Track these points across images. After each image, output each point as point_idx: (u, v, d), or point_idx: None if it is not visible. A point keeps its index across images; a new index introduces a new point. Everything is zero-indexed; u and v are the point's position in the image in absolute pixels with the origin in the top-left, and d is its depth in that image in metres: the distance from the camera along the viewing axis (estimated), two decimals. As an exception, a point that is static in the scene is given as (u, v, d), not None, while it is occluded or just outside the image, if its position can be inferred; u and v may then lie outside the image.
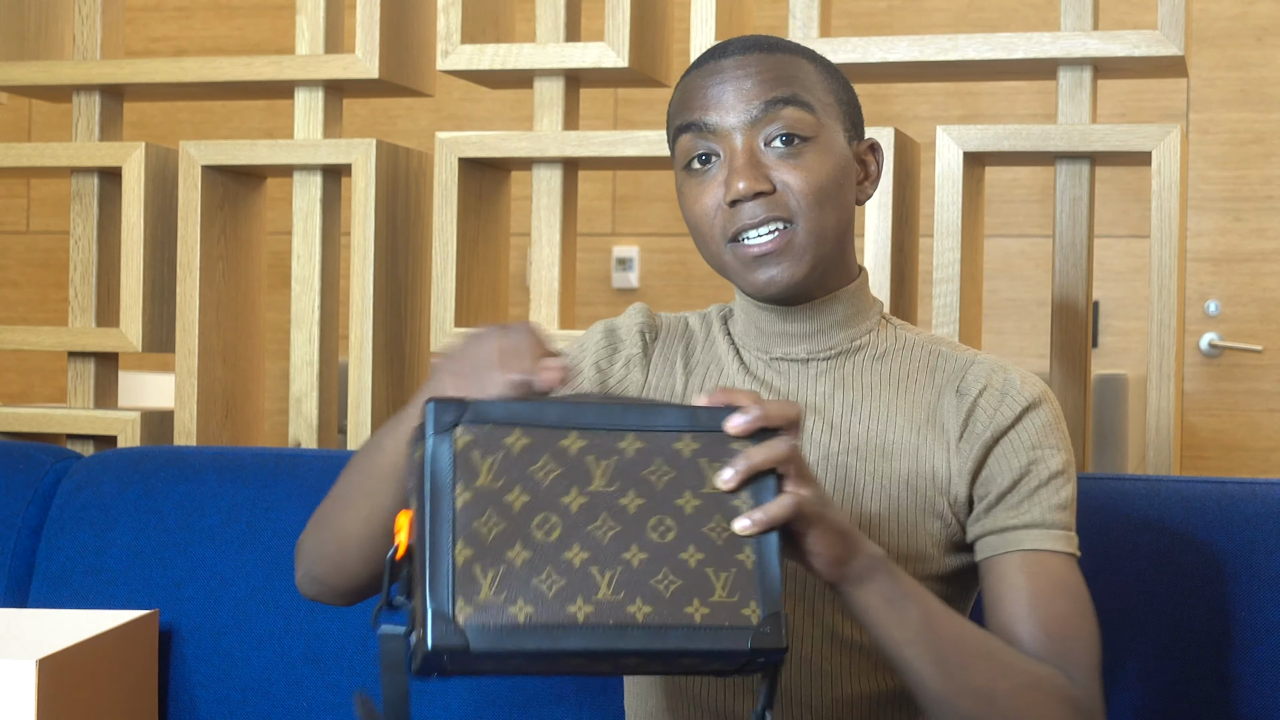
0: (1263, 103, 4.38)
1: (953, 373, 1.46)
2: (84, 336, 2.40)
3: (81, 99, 2.45)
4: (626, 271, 4.78)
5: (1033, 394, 1.43)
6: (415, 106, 4.85)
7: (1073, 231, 2.10)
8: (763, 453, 1.16)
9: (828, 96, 1.45)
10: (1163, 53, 2.04)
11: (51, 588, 1.98)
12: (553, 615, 1.13)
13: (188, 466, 2.02)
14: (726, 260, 1.43)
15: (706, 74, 1.44)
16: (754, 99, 1.41)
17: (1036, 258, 4.52)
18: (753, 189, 1.39)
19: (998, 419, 1.42)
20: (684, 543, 1.16)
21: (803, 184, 1.40)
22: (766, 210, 1.40)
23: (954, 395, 1.44)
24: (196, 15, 5.07)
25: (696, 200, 1.43)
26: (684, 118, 1.44)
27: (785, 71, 1.43)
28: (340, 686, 1.86)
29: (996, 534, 1.41)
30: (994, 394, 1.43)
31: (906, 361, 1.48)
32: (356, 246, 2.27)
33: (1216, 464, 4.40)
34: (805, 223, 1.41)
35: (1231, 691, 1.62)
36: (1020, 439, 1.42)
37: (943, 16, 4.56)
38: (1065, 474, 1.42)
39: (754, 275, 1.42)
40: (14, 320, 5.12)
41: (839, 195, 1.43)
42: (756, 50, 1.44)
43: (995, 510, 1.41)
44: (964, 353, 1.48)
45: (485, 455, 1.16)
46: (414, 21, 2.38)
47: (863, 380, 1.47)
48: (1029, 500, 1.41)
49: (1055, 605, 1.38)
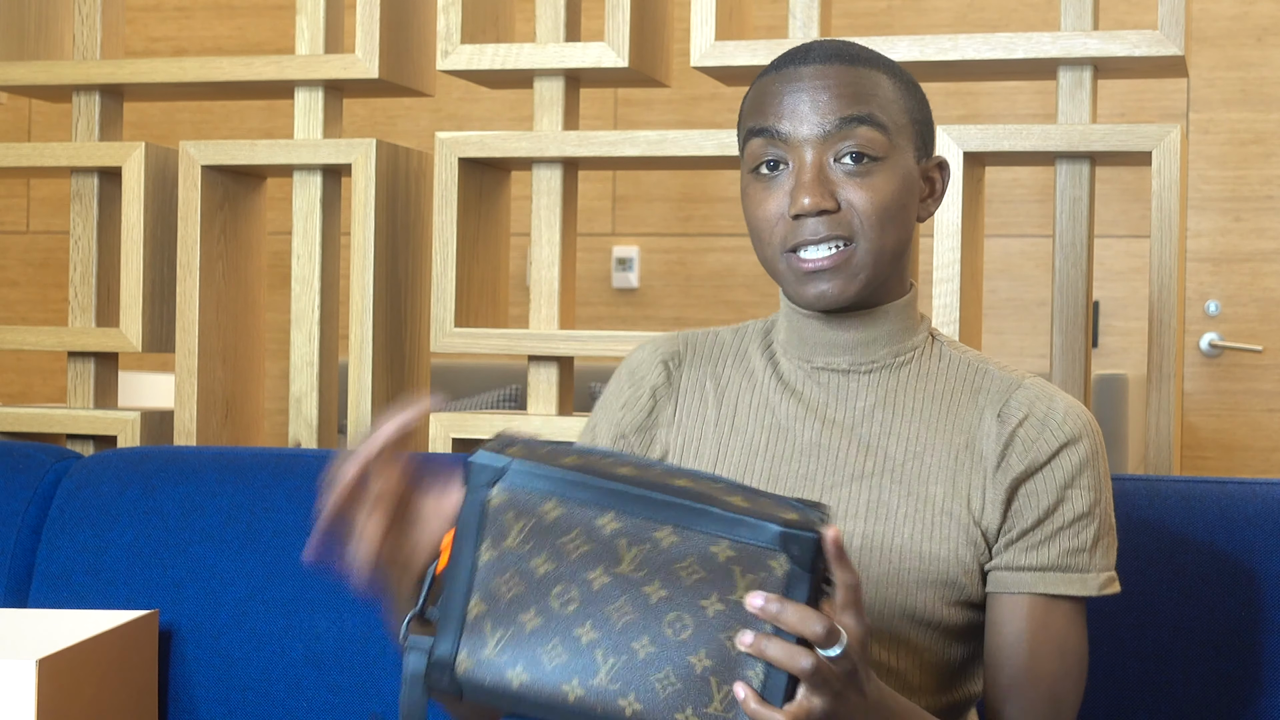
0: (1263, 103, 4.39)
1: (996, 395, 1.44)
2: (84, 336, 2.40)
3: (81, 99, 2.45)
4: (626, 271, 4.78)
5: (1074, 429, 1.41)
6: (415, 106, 4.86)
7: (1073, 231, 2.10)
8: (780, 654, 1.12)
9: (902, 116, 1.43)
10: (1163, 53, 2.04)
11: (51, 588, 1.98)
12: (544, 688, 1.14)
13: (188, 466, 2.02)
14: (780, 269, 1.42)
15: (785, 80, 1.43)
16: (829, 114, 1.40)
17: (1036, 258, 4.52)
18: (817, 206, 1.38)
19: (1034, 453, 1.41)
20: (696, 645, 1.13)
21: (867, 205, 1.39)
22: (829, 228, 1.39)
23: (995, 420, 1.42)
24: (196, 15, 5.08)
25: (760, 205, 1.42)
26: (757, 121, 1.43)
27: (863, 88, 1.41)
28: (340, 687, 1.86)
29: (1007, 570, 1.41)
30: (1034, 424, 1.41)
31: (951, 380, 1.46)
32: (356, 246, 2.27)
33: (1216, 464, 4.40)
34: (865, 243, 1.40)
35: (1232, 692, 1.62)
36: (1052, 477, 1.41)
37: (943, 16, 4.56)
38: (1091, 515, 1.41)
39: (806, 289, 1.41)
40: (14, 320, 5.12)
41: (901, 215, 1.42)
42: (838, 61, 1.43)
43: (1014, 546, 1.41)
44: (1011, 374, 1.46)
45: (518, 519, 1.16)
46: (414, 21, 2.38)
47: (903, 399, 1.45)
48: (1048, 542, 1.40)
49: (1048, 662, 1.40)
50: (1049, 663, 1.40)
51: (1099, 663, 1.64)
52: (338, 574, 1.29)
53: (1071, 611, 1.41)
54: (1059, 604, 1.40)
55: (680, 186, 4.76)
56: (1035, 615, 1.40)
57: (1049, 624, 1.40)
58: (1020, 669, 1.40)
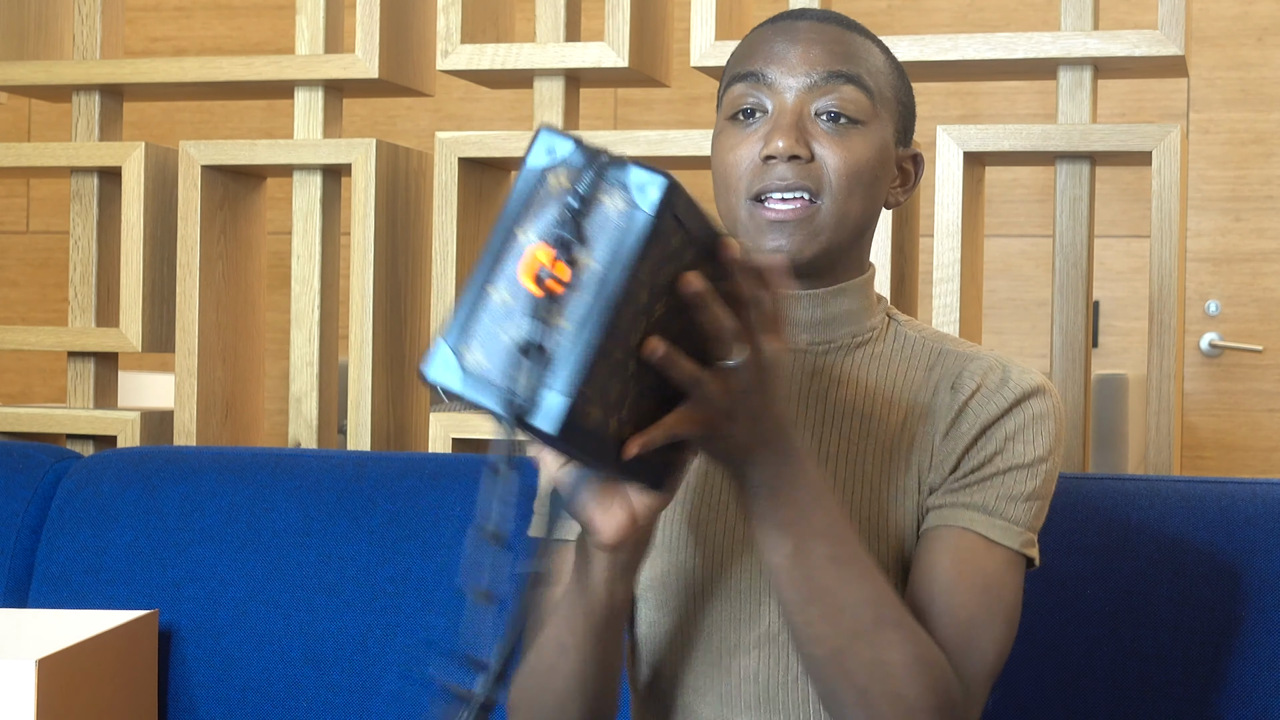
0: (1263, 103, 4.38)
1: (950, 369, 1.42)
2: (84, 336, 2.40)
3: (81, 99, 2.45)
4: (626, 271, 4.78)
5: (1027, 386, 1.38)
6: (415, 106, 4.86)
7: (1073, 231, 2.10)
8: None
9: (889, 91, 1.42)
10: (1163, 53, 2.04)
11: (51, 588, 1.98)
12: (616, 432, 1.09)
13: (188, 466, 2.02)
14: (741, 217, 1.39)
15: (778, 30, 1.41)
16: (817, 65, 1.38)
17: (1036, 258, 4.52)
18: (790, 150, 1.35)
19: (984, 415, 1.38)
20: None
21: (840, 162, 1.37)
22: (796, 176, 1.36)
23: (948, 392, 1.40)
24: (196, 15, 5.07)
25: (731, 150, 1.40)
26: (743, 66, 1.41)
27: (855, 50, 1.40)
28: (340, 687, 1.86)
29: (938, 509, 1.36)
30: (986, 393, 1.39)
31: (908, 360, 1.44)
32: (356, 246, 2.27)
33: (1216, 464, 4.40)
34: (831, 202, 1.37)
35: (1232, 692, 1.62)
36: (1000, 430, 1.37)
37: (943, 16, 4.56)
38: (1034, 469, 1.37)
39: (764, 239, 1.38)
40: (14, 320, 5.12)
41: (872, 187, 1.40)
42: (834, 23, 1.42)
43: (950, 487, 1.37)
44: (966, 349, 1.44)
45: (664, 249, 1.08)
46: (414, 21, 2.38)
47: (859, 378, 1.43)
48: (985, 484, 1.36)
49: (969, 597, 1.32)
50: (970, 596, 1.32)
51: (1099, 663, 1.64)
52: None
53: (1002, 559, 1.34)
54: (990, 546, 1.34)
55: (680, 186, 4.75)
56: (961, 548, 1.34)
57: (975, 560, 1.33)
58: (939, 598, 1.32)
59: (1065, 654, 1.65)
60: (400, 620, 1.85)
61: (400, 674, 1.85)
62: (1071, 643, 1.65)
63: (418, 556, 1.87)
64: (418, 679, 1.84)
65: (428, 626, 1.85)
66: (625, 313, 1.06)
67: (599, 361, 1.05)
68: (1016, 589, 1.35)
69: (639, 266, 1.05)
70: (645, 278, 1.06)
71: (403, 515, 1.89)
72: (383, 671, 1.85)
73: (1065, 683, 1.65)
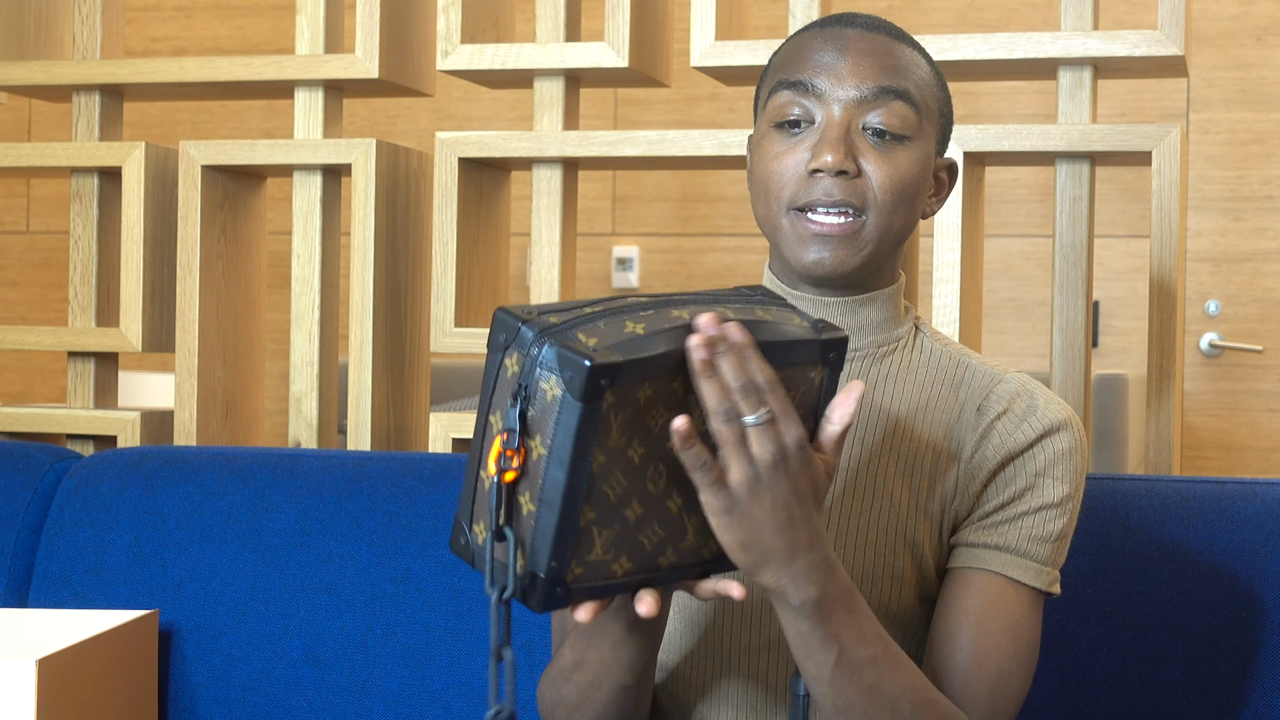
0: (1263, 103, 4.38)
1: (977, 390, 1.41)
2: (84, 336, 2.40)
3: (81, 99, 2.45)
4: (626, 271, 4.78)
5: (1054, 419, 1.38)
6: (415, 106, 4.86)
7: (1073, 231, 2.10)
8: (718, 382, 1.14)
9: (934, 104, 1.41)
10: (1163, 53, 2.04)
11: (51, 588, 1.98)
12: (643, 567, 1.17)
13: (188, 466, 2.02)
14: (782, 225, 1.38)
15: (827, 37, 1.39)
16: (867, 79, 1.36)
17: (1036, 258, 4.52)
18: (838, 165, 1.34)
19: (1010, 443, 1.38)
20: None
21: (885, 179, 1.36)
22: (842, 192, 1.35)
23: (974, 414, 1.40)
24: (196, 15, 5.08)
25: (776, 158, 1.38)
26: (791, 73, 1.39)
27: (905, 63, 1.39)
28: (340, 686, 1.86)
29: (967, 547, 1.37)
30: (1013, 417, 1.39)
31: (932, 373, 1.43)
32: (356, 246, 2.27)
33: (1216, 464, 4.40)
34: (876, 217, 1.36)
35: (1232, 692, 1.62)
36: (1028, 464, 1.38)
37: (943, 16, 4.56)
38: (1062, 507, 1.38)
39: (805, 252, 1.36)
40: (14, 320, 5.12)
41: (913, 201, 1.39)
42: (883, 33, 1.40)
43: (979, 524, 1.38)
44: (993, 369, 1.43)
45: (618, 413, 1.12)
46: (414, 21, 2.38)
47: (885, 389, 1.42)
48: (1013, 523, 1.37)
49: (996, 643, 1.34)
50: (998, 643, 1.34)
51: (1099, 664, 1.64)
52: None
53: (1029, 601, 1.36)
54: (1018, 589, 1.36)
55: (680, 186, 4.76)
56: (991, 592, 1.35)
57: (1004, 605, 1.35)
58: (967, 645, 1.34)
59: (1065, 654, 1.65)
60: (400, 620, 1.85)
61: (400, 674, 1.85)
62: (1071, 643, 1.65)
63: (418, 556, 1.87)
64: (418, 679, 1.84)
65: (428, 626, 1.85)
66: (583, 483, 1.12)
67: (566, 531, 1.12)
68: (1039, 626, 1.39)
69: (583, 446, 1.10)
70: (594, 449, 1.11)
71: (403, 515, 1.89)
72: (383, 671, 1.85)
73: (1065, 683, 1.65)
